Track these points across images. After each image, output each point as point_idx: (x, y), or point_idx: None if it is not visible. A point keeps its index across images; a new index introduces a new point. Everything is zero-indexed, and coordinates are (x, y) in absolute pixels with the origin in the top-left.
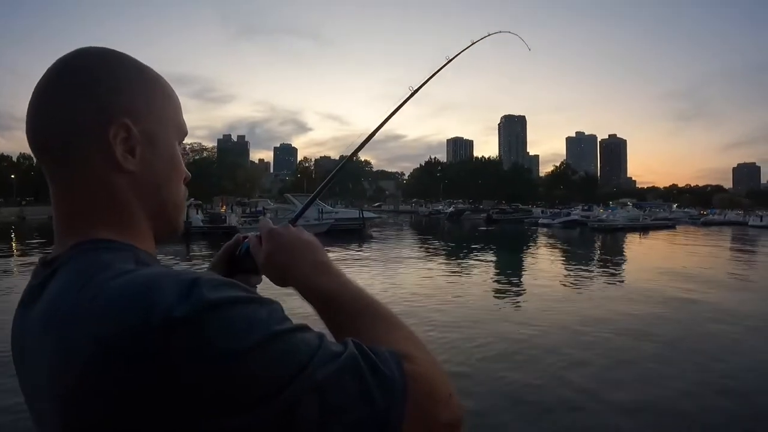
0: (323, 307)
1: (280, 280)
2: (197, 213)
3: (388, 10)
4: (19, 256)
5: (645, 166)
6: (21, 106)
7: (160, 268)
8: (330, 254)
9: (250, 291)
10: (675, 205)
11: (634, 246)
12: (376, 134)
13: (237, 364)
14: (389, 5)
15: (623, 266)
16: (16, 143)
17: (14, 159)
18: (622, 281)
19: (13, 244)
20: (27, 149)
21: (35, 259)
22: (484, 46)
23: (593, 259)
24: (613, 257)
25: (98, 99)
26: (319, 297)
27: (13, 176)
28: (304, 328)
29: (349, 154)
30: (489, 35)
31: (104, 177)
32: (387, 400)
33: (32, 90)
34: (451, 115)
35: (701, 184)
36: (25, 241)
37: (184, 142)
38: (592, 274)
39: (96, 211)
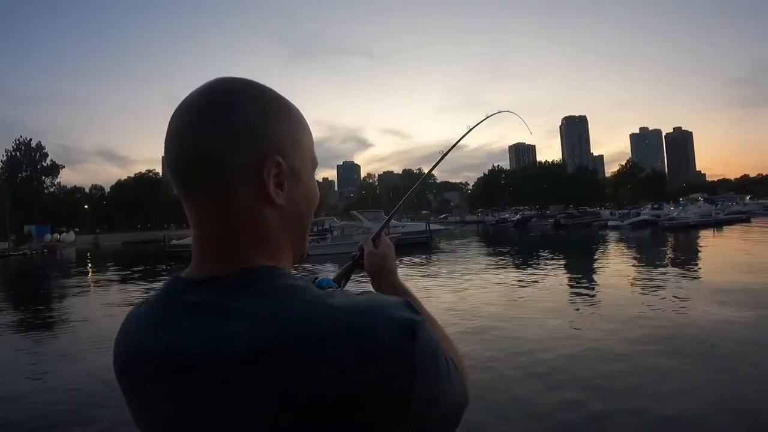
0: None
1: (377, 283)
2: None
3: (436, 21)
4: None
5: (714, 158)
6: (90, 141)
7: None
8: (399, 268)
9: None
10: (748, 197)
11: (711, 243)
12: (442, 150)
13: (441, 352)
14: (437, 16)
15: (707, 266)
16: (87, 175)
17: (86, 190)
18: (711, 283)
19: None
20: (98, 181)
21: (111, 286)
22: (534, 50)
23: (685, 262)
24: (697, 257)
25: (252, 136)
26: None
27: (86, 206)
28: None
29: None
30: (487, 117)
31: (255, 210)
32: (466, 388)
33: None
34: (510, 121)
35: None
36: (103, 266)
37: None
38: (689, 276)
39: (251, 241)
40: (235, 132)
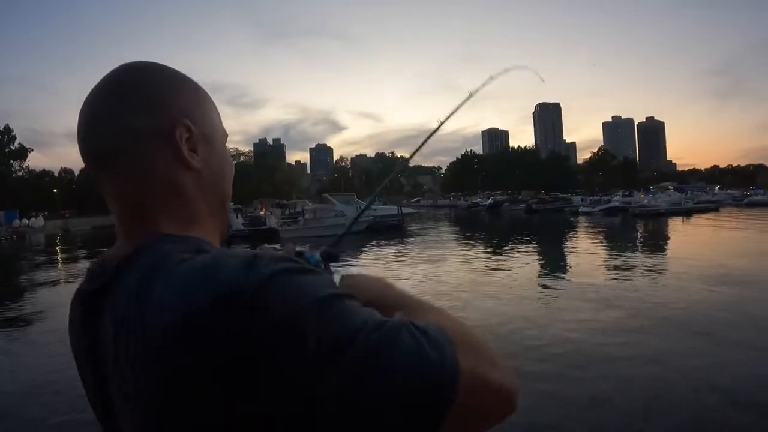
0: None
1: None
2: (237, 217)
3: (411, 4)
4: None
5: (685, 148)
6: (60, 124)
7: (222, 250)
8: (372, 250)
9: (304, 264)
10: (717, 187)
11: (680, 230)
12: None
13: (292, 327)
14: (413, 1)
15: (682, 252)
16: (56, 159)
17: (56, 174)
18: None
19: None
20: (68, 164)
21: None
22: (508, 34)
23: (654, 245)
24: (666, 243)
25: (159, 104)
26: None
27: (55, 190)
28: (353, 297)
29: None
30: (507, 70)
31: (171, 176)
32: (440, 357)
33: (79, 105)
34: (485, 106)
35: (743, 164)
36: (73, 251)
37: None
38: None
39: (163, 210)
40: (142, 99)
